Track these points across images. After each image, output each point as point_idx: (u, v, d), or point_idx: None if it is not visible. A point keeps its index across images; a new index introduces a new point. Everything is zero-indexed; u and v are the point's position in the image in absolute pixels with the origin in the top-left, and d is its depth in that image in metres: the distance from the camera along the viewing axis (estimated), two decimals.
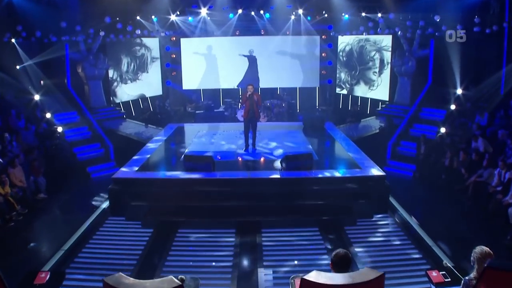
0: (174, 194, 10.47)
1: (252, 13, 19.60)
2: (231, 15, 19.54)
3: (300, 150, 13.16)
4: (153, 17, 19.06)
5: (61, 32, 15.68)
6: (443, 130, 14.67)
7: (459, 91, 16.03)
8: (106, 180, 11.91)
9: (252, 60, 22.23)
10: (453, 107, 15.62)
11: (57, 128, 14.75)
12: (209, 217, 10.12)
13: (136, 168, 11.26)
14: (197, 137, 14.99)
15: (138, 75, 20.63)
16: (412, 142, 15.39)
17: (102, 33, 16.92)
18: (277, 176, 10.82)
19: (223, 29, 21.09)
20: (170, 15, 19.64)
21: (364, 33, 20.10)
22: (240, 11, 18.66)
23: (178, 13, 18.34)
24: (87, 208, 11.12)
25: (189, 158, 11.07)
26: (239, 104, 20.71)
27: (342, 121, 18.56)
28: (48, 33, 15.53)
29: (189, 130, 16.23)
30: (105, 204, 11.16)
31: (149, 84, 21.12)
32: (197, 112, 20.21)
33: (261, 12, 18.51)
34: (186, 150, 13.07)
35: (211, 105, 20.96)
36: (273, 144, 13.99)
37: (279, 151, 13.01)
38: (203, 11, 19.16)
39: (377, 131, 16.73)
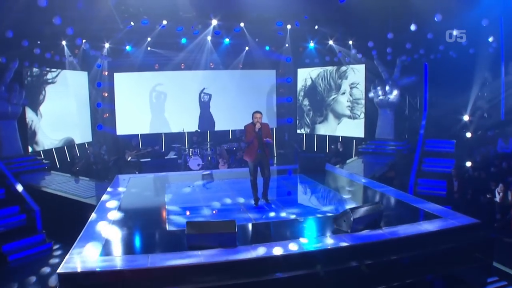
0: None
1: (209, 37, 15.14)
2: (183, 40, 14.86)
3: (326, 198, 8.71)
4: (83, 41, 13.76)
5: None
6: (469, 163, 11.20)
7: (466, 117, 12.87)
8: (33, 265, 7.48)
9: (205, 103, 17.70)
10: (468, 135, 12.33)
11: None
12: None
13: (98, 252, 5.86)
14: (170, 191, 9.68)
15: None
16: (429, 179, 11.79)
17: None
18: (343, 244, 6.13)
19: (166, 62, 16.52)
20: (104, 41, 14.51)
21: (331, 64, 16.72)
22: (213, 22, 13.48)
23: (125, 23, 12.84)
24: None
25: (195, 228, 5.93)
26: (190, 150, 15.87)
27: None
28: None
29: (150, 183, 10.80)
30: None
31: (76, 127, 15.38)
32: (142, 160, 14.89)
33: (242, 24, 13.72)
34: (168, 210, 7.81)
35: (161, 152, 15.75)
36: (285, 197, 9.25)
37: (304, 205, 8.40)
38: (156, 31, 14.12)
39: (385, 169, 12.77)
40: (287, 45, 16.65)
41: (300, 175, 11.06)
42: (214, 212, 7.85)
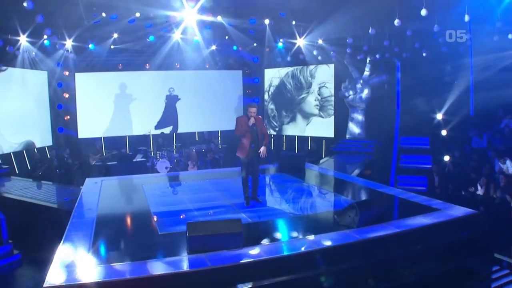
0: None
1: (178, 35, 14.39)
2: (151, 37, 14.08)
3: (320, 196, 8.39)
4: (45, 37, 12.69)
5: None
6: (446, 158, 11.26)
7: (439, 116, 12.96)
8: (2, 280, 6.60)
9: (171, 100, 16.89)
10: (444, 133, 12.41)
11: None
12: None
13: (87, 261, 5.11)
14: (149, 194, 8.89)
15: None
16: (408, 175, 11.77)
17: None
18: (352, 239, 5.74)
19: (130, 61, 15.70)
20: (65, 38, 13.45)
21: (299, 63, 16.46)
22: (190, 15, 12.29)
23: (92, 18, 11.80)
24: None
25: (197, 229, 5.33)
26: (158, 153, 15.16)
27: None
28: None
29: (125, 186, 9.95)
30: None
31: (36, 130, 14.18)
32: (109, 163, 13.97)
33: (219, 18, 12.77)
34: (154, 213, 7.10)
35: (129, 154, 14.88)
36: (275, 194, 8.80)
37: (295, 204, 8.01)
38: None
39: (361, 168, 12.56)
40: (255, 44, 16.25)
41: (284, 175, 10.60)
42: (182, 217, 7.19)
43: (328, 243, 5.61)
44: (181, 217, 6.81)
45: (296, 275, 5.14)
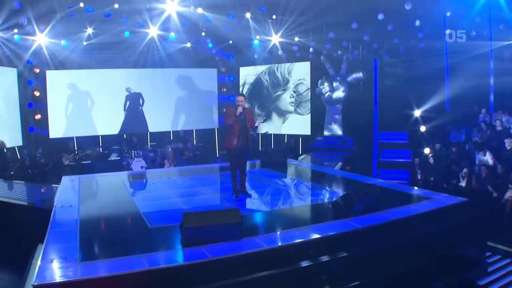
0: None
1: (154, 31, 13.98)
2: (127, 33, 13.62)
3: (310, 189, 8.26)
4: (15, 32, 12.05)
5: None
6: (427, 150, 11.38)
7: (417, 112, 13.08)
8: None
9: (133, 98, 16.27)
10: (423, 128, 12.54)
11: None
12: None
13: (77, 258, 4.71)
14: (132, 190, 8.53)
15: None
16: (389, 169, 11.82)
17: None
18: (351, 228, 5.59)
19: (104, 59, 15.15)
20: (34, 33, 12.83)
21: (275, 61, 16.33)
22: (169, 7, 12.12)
23: (66, 11, 11.26)
24: None
25: (194, 220, 5.02)
26: (133, 152, 14.67)
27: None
28: None
29: (104, 182, 9.48)
30: None
31: (5, 130, 13.43)
32: (83, 163, 13.40)
33: (199, 10, 12.36)
34: (140, 207, 6.71)
35: (104, 153, 14.33)
36: (263, 188, 8.56)
37: (286, 197, 7.84)
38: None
39: (340, 164, 12.46)
40: (231, 41, 16.03)
41: (268, 169, 10.38)
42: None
43: (327, 232, 5.44)
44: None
45: (296, 265, 4.94)
